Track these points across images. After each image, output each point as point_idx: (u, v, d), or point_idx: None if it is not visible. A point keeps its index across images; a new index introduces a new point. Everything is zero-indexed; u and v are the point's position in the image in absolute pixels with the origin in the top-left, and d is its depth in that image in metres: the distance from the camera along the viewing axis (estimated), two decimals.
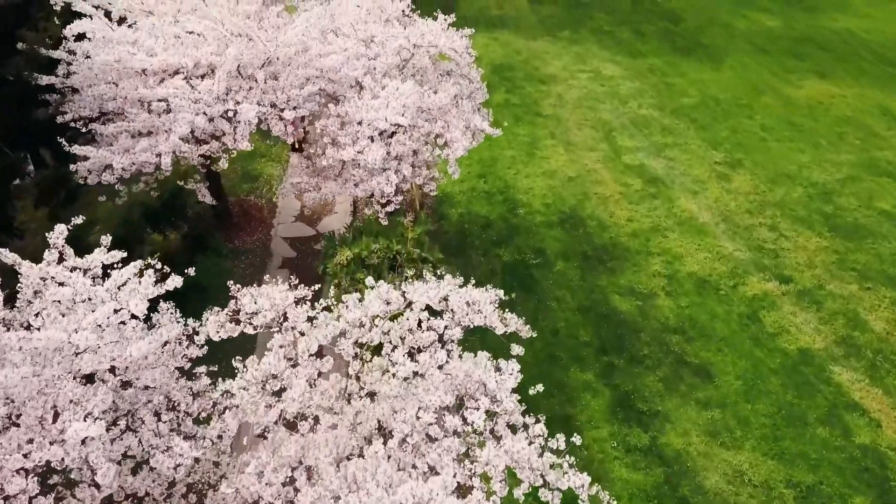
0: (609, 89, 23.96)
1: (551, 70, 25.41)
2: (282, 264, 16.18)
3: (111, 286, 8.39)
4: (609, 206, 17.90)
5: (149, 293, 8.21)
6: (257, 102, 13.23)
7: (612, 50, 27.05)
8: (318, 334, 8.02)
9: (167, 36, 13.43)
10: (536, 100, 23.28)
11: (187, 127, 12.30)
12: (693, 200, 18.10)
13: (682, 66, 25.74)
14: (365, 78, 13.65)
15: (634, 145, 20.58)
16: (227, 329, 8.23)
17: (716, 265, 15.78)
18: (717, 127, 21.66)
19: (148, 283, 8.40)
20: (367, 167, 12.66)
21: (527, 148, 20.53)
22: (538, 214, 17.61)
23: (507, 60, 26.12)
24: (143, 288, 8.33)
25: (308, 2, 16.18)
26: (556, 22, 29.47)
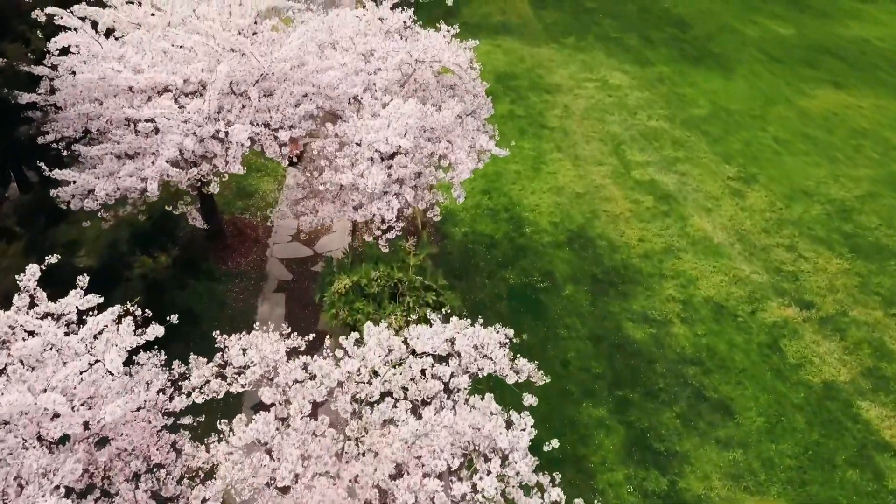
0: (617, 100, 23.22)
1: (557, 79, 24.67)
2: (277, 288, 15.44)
3: (86, 335, 7.66)
4: (619, 225, 17.16)
5: (127, 344, 7.47)
6: (251, 122, 12.52)
7: (620, 58, 26.31)
8: (312, 391, 7.28)
9: (155, 51, 12.71)
10: (542, 111, 22.55)
11: (175, 150, 11.57)
12: (707, 219, 17.35)
13: (691, 75, 25.00)
14: (364, 95, 12.93)
15: (644, 159, 19.84)
16: (213, 387, 7.48)
17: (733, 289, 15.04)
18: (729, 139, 20.91)
19: (127, 332, 7.66)
20: (366, 192, 11.93)
21: (532, 162, 19.79)
22: (545, 234, 16.87)
23: (511, 69, 25.39)
24: (120, 338, 7.60)
25: (305, 13, 15.48)
26: (562, 28, 28.73)
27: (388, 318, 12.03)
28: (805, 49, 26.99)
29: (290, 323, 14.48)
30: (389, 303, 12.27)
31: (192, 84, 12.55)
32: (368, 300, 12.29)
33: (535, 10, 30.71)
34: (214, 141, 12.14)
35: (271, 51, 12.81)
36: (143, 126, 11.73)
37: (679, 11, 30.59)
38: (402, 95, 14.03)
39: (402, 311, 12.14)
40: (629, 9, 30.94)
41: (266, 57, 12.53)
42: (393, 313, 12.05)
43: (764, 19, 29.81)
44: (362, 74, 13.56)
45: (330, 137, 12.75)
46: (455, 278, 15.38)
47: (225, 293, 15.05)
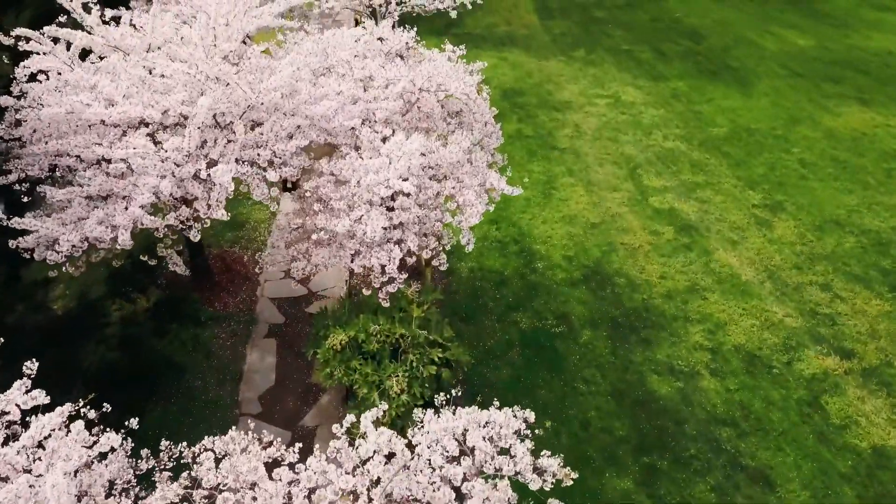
0: (631, 118, 21.96)
1: (566, 95, 23.41)
2: (268, 332, 14.18)
3: (29, 443, 6.39)
4: (638, 260, 15.89)
5: (77, 461, 6.21)
6: (236, 159, 11.26)
7: (632, 72, 25.05)
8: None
9: (131, 79, 11.45)
10: (551, 130, 21.29)
11: (150, 194, 10.32)
12: (733, 252, 16.08)
13: (708, 91, 23.74)
14: (363, 129, 11.67)
15: (662, 185, 18.58)
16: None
17: (765, 335, 13.77)
18: (752, 163, 19.64)
19: (77, 442, 6.39)
20: (365, 240, 10.67)
21: (543, 188, 18.53)
22: (559, 269, 15.60)
23: (519, 84, 24.13)
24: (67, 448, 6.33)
25: (298, 34, 14.24)
26: (570, 40, 27.49)
27: (388, 379, 10.78)
28: (826, 63, 25.72)
29: (281, 374, 13.25)
30: (390, 362, 11.00)
31: (172, 116, 11.30)
32: (367, 359, 11.02)
33: (541, 20, 29.46)
34: (195, 182, 10.89)
35: (260, 80, 11.58)
36: (115, 166, 10.48)
37: (692, 22, 29.33)
38: (405, 127, 12.79)
39: (405, 371, 10.88)
40: (640, 19, 29.69)
41: (254, 87, 11.27)
42: (394, 374, 10.79)
43: (781, 30, 28.55)
44: (360, 103, 12.32)
45: (325, 176, 11.50)
46: (462, 321, 14.12)
47: (210, 340, 13.78)
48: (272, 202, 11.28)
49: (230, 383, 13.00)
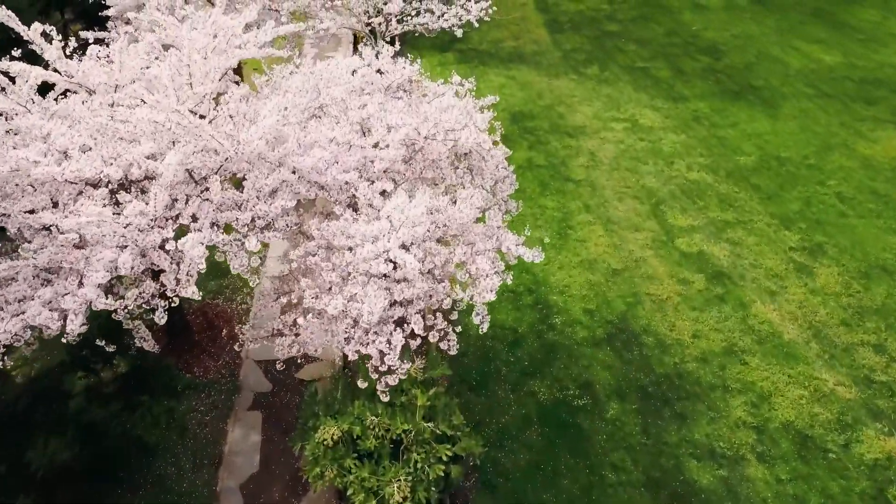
0: (650, 145, 20.33)
1: (580, 119, 21.78)
2: (253, 404, 12.58)
3: None
4: (667, 314, 14.26)
5: None
6: (211, 223, 9.66)
7: (650, 92, 23.41)
8: None
9: (91, 128, 9.86)
10: (565, 159, 19.66)
11: (106, 272, 8.71)
12: (772, 305, 14.46)
13: (732, 114, 22.10)
14: (360, 184, 10.06)
15: (689, 224, 16.94)
16: None
17: (816, 409, 12.14)
18: (785, 197, 18.00)
19: None
20: (361, 323, 9.05)
21: (558, 226, 16.90)
22: (579, 326, 13.98)
23: (528, 107, 22.50)
24: None
25: (287, 68, 12.65)
26: (582, 57, 25.85)
27: (388, 485, 9.17)
28: (857, 81, 24.08)
29: (267, 456, 11.64)
30: (391, 463, 9.38)
31: (137, 171, 9.68)
32: (363, 459, 9.41)
33: (551, 34, 27.82)
34: (161, 253, 9.28)
35: (242, 126, 9.98)
36: (66, 236, 8.87)
37: (710, 36, 27.69)
38: (408, 176, 11.18)
39: (408, 473, 9.27)
40: (655, 32, 28.04)
41: (233, 138, 9.66)
42: (395, 479, 9.18)
43: (805, 45, 26.90)
44: (357, 150, 10.71)
45: (315, 240, 9.88)
46: (471, 391, 12.51)
47: (187, 414, 12.18)
48: (252, 275, 9.68)
49: (208, 469, 11.39)
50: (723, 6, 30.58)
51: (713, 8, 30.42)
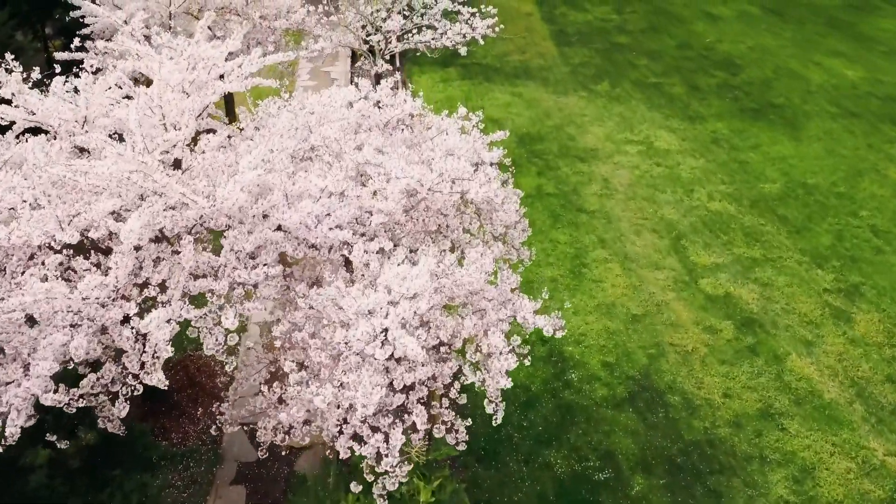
0: (667, 170, 19.03)
1: (591, 140, 20.49)
2: (236, 477, 11.27)
3: None
4: (694, 369, 12.98)
5: None
6: (183, 294, 8.37)
7: (664, 111, 22.12)
8: None
9: (45, 183, 8.58)
10: (577, 186, 18.37)
11: (54, 363, 7.42)
12: (808, 358, 13.18)
13: (753, 135, 20.81)
14: (356, 245, 8.78)
15: (713, 261, 15.65)
16: None
17: (867, 486, 10.86)
18: (814, 230, 16.72)
19: None
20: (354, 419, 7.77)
21: (571, 263, 15.61)
22: (598, 383, 12.69)
23: (536, 127, 21.21)
24: None
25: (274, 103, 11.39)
26: (592, 71, 24.55)
27: None
28: (883, 99, 22.79)
29: None
30: None
31: (97, 233, 8.40)
32: None
33: (558, 47, 26.53)
34: (123, 330, 8.00)
35: (216, 183, 8.70)
36: (9, 317, 7.59)
37: (725, 49, 26.40)
38: (409, 229, 9.90)
39: None
40: (667, 45, 26.76)
41: (209, 195, 8.39)
42: None
43: (825, 58, 25.62)
44: (351, 201, 9.45)
45: (301, 310, 8.60)
46: (480, 463, 11.21)
47: (163, 490, 10.89)
48: (229, 358, 8.40)
49: None
50: (736, 16, 29.33)
51: (726, 18, 29.15)
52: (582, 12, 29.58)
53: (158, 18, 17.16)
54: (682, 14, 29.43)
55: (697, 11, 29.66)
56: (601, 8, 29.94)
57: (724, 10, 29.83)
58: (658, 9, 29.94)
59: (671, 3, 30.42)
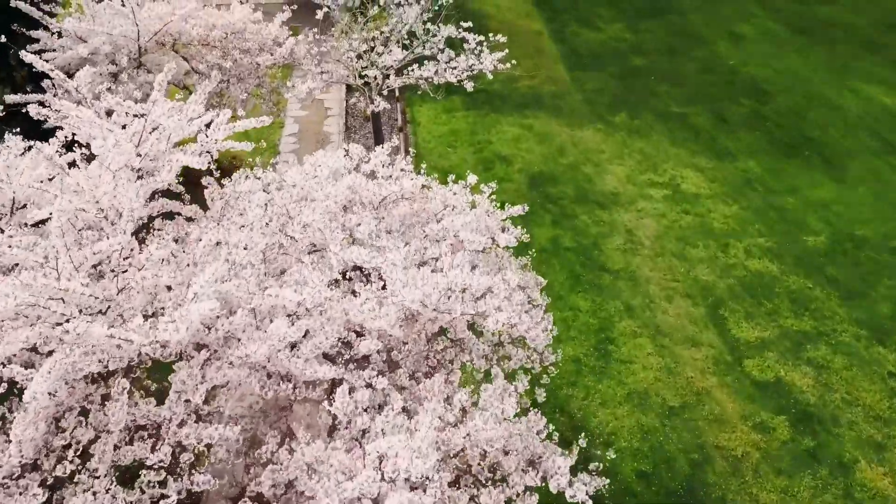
0: (698, 219, 17.04)
1: (611, 182, 18.51)
2: None
3: None
4: (746, 480, 10.99)
5: None
6: (110, 464, 6.40)
7: (690, 146, 20.14)
8: None
9: None
10: (597, 239, 16.38)
11: None
12: (879, 467, 11.19)
13: (789, 175, 18.83)
14: (338, 389, 6.83)
15: (758, 336, 13.66)
16: None
17: None
18: (870, 295, 14.73)
19: None
20: None
21: (596, 339, 13.63)
22: (633, 501, 10.70)
23: (549, 166, 19.23)
24: None
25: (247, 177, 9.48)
26: (608, 100, 22.56)
27: None
28: None
29: None
30: None
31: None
32: None
33: (570, 71, 24.54)
34: None
35: (158, 314, 6.75)
36: None
37: (751, 73, 24.40)
38: (409, 352, 7.96)
39: None
40: (688, 69, 24.76)
41: (146, 335, 6.43)
42: None
43: (862, 85, 23.61)
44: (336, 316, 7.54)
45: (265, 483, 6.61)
46: None
47: None
48: None
49: None
50: (760, 36, 27.32)
51: (750, 38, 27.14)
52: (594, 31, 27.59)
53: (127, 52, 15.21)
54: (702, 33, 27.44)
55: (718, 30, 27.65)
56: (614, 26, 27.95)
57: (747, 28, 27.83)
58: (676, 27, 27.94)
59: (690, 22, 28.43)
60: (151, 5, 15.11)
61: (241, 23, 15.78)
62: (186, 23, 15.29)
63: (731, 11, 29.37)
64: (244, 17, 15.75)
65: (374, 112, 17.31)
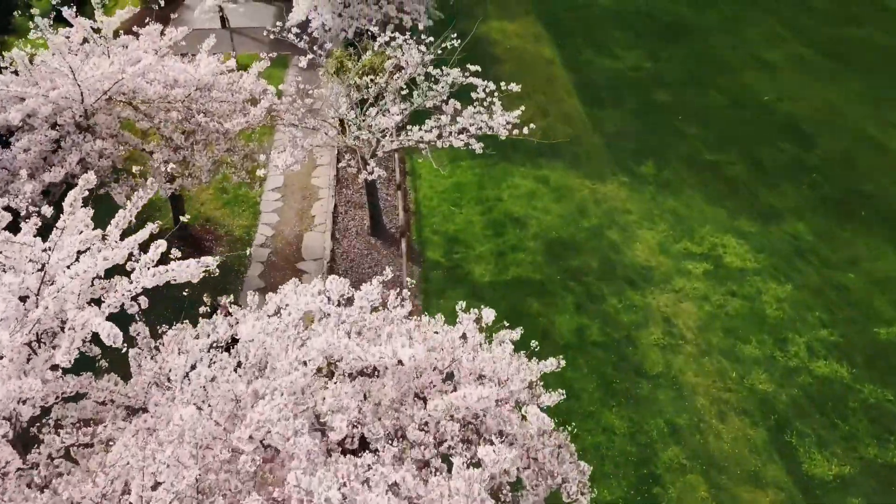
0: (747, 303, 14.56)
1: (642, 253, 16.02)
2: None
3: None
4: None
5: None
6: None
7: (727, 203, 17.66)
8: None
9: None
10: (630, 331, 13.91)
11: None
12: None
13: (845, 242, 16.36)
14: None
15: (836, 473, 11.21)
16: None
17: None
18: None
19: None
20: None
21: (635, 474, 11.16)
22: None
23: (569, 230, 16.73)
24: None
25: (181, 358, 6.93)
26: (632, 145, 20.05)
27: None
28: None
29: None
30: None
31: None
32: None
33: (587, 107, 22.02)
34: None
35: None
36: None
37: (787, 110, 21.91)
38: None
39: None
40: (716, 104, 22.26)
41: None
42: None
43: None
44: None
45: None
46: None
47: None
48: None
49: None
50: (791, 63, 24.83)
51: (779, 66, 24.65)
52: (610, 58, 25.05)
53: (70, 115, 12.66)
54: (728, 60, 24.92)
55: (745, 57, 25.15)
56: (632, 53, 25.41)
57: (776, 55, 25.32)
58: (698, 54, 25.43)
59: (713, 46, 25.92)
60: (98, 61, 12.54)
61: (209, 77, 13.23)
62: (143, 77, 12.74)
63: (757, 34, 26.87)
64: (211, 70, 13.19)
65: (366, 181, 14.79)
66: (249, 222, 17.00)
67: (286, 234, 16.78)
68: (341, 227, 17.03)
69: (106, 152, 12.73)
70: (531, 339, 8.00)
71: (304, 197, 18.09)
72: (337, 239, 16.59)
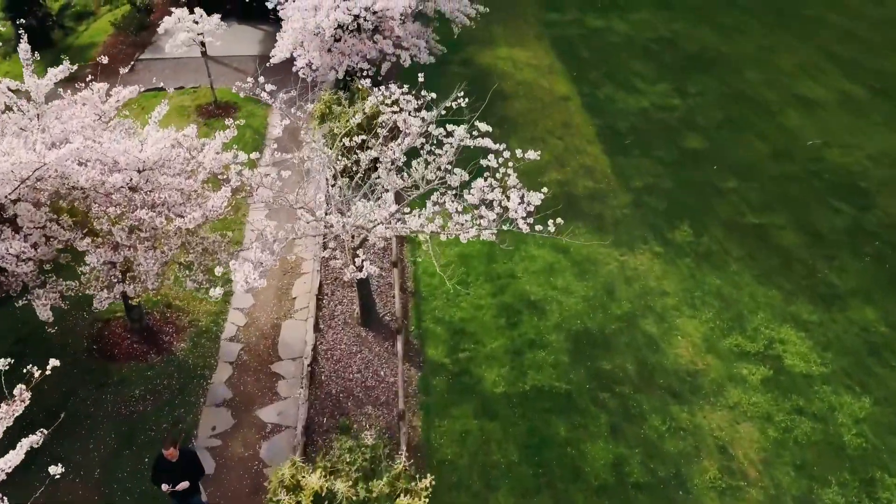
0: (818, 425, 11.93)
1: (685, 352, 13.38)
2: None
3: None
4: None
5: None
6: None
7: (780, 281, 15.02)
8: None
9: None
10: (679, 466, 11.26)
11: None
12: None
13: None
14: None
15: None
16: None
17: None
18: None
19: None
20: None
21: None
22: None
23: (597, 318, 14.09)
24: None
25: None
26: (664, 205, 17.41)
27: None
28: None
29: None
30: None
31: None
32: None
33: (610, 156, 19.39)
34: None
35: None
36: None
37: (838, 161, 19.27)
38: None
39: None
40: (758, 153, 19.62)
41: None
42: None
43: None
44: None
45: None
46: None
47: None
48: None
49: None
50: (837, 101, 22.19)
51: (824, 104, 22.02)
52: (633, 94, 22.41)
53: None
54: (766, 98, 22.28)
55: (785, 94, 22.51)
56: (658, 87, 22.77)
57: (820, 91, 22.69)
58: (732, 88, 22.78)
59: (747, 81, 23.27)
60: (14, 141, 9.92)
61: (158, 156, 10.61)
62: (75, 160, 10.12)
63: (793, 65, 24.22)
64: (159, 150, 10.55)
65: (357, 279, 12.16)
66: (219, 307, 14.35)
67: (261, 322, 14.15)
68: (326, 312, 14.39)
69: (24, 255, 10.11)
70: (559, 478, 5.37)
71: (284, 272, 15.46)
72: (321, 330, 13.96)
